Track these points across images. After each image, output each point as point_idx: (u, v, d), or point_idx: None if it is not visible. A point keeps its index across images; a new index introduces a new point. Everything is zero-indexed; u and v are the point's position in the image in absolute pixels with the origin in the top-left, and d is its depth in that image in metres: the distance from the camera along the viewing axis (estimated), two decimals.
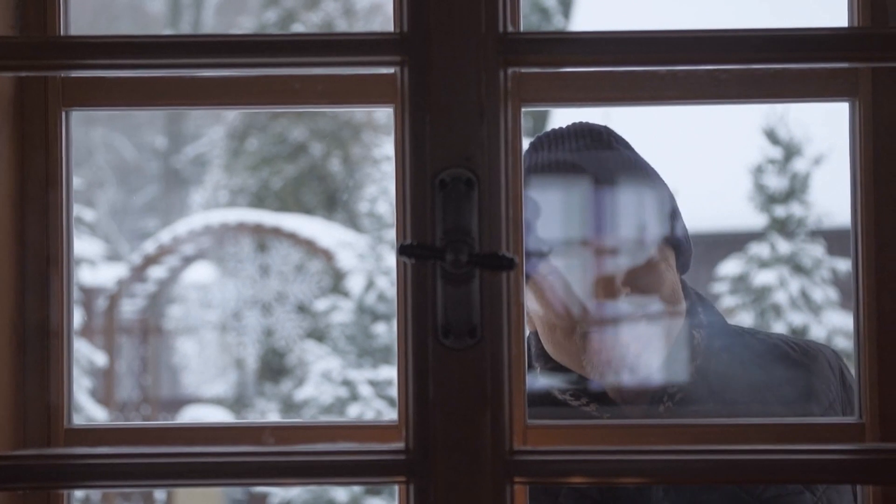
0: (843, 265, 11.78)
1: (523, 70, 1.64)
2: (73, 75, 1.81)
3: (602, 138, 2.20)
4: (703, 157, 14.49)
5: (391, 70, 1.69)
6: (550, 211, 2.14)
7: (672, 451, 1.61)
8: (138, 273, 14.14)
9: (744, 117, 12.22)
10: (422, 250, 1.51)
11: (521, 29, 1.66)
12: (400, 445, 1.55)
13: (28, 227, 1.83)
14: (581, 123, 2.22)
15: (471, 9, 1.53)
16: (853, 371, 1.83)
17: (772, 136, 11.66)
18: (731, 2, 14.71)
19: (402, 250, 1.51)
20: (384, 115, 18.00)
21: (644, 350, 2.14)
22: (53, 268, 1.84)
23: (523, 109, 1.64)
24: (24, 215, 1.83)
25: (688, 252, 2.21)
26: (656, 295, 2.14)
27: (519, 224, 1.59)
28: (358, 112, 17.49)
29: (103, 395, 13.39)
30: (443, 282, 1.52)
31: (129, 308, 14.33)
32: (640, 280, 2.14)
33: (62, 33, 1.82)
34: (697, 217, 14.32)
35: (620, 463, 1.57)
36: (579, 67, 1.72)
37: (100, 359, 12.60)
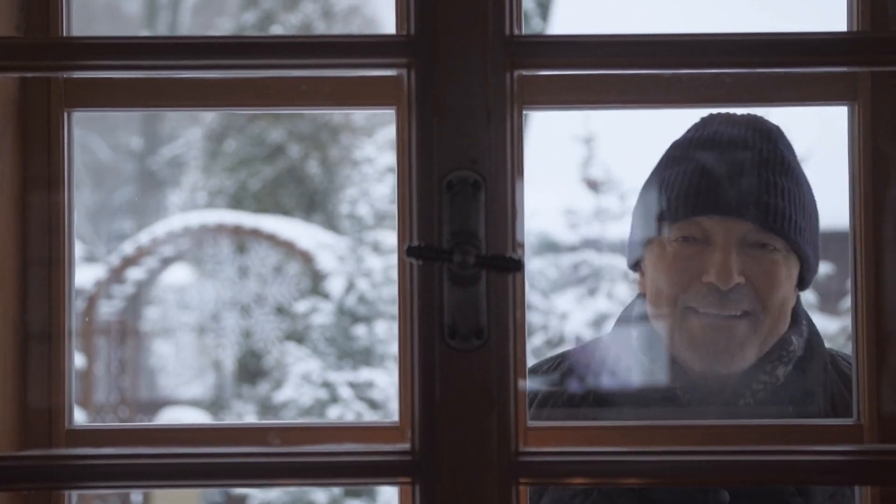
0: (822, 269, 11.80)
1: (525, 73, 1.64)
2: (76, 76, 1.81)
3: (770, 136, 2.19)
4: None
5: (393, 72, 1.70)
6: (700, 182, 2.15)
7: (675, 451, 1.62)
8: (116, 274, 14.09)
9: None
10: (429, 252, 1.51)
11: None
12: (405, 446, 1.55)
13: (30, 229, 1.83)
14: (754, 115, 2.21)
15: (478, 11, 1.54)
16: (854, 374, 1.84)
17: None
18: (714, 4, 14.74)
19: (410, 252, 1.51)
20: (362, 117, 17.95)
21: (733, 349, 2.15)
22: (55, 269, 1.84)
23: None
24: (26, 216, 1.83)
25: (812, 271, 2.21)
26: (767, 298, 2.15)
27: (521, 225, 1.59)
28: (336, 114, 17.46)
29: (81, 396, 13.33)
30: (449, 283, 1.52)
31: (107, 310, 14.28)
32: (757, 276, 2.15)
33: (65, 34, 1.82)
34: None
35: (626, 464, 1.58)
36: (585, 70, 1.74)
37: (78, 360, 12.56)
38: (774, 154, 2.17)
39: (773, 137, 2.18)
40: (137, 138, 25.10)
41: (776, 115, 2.22)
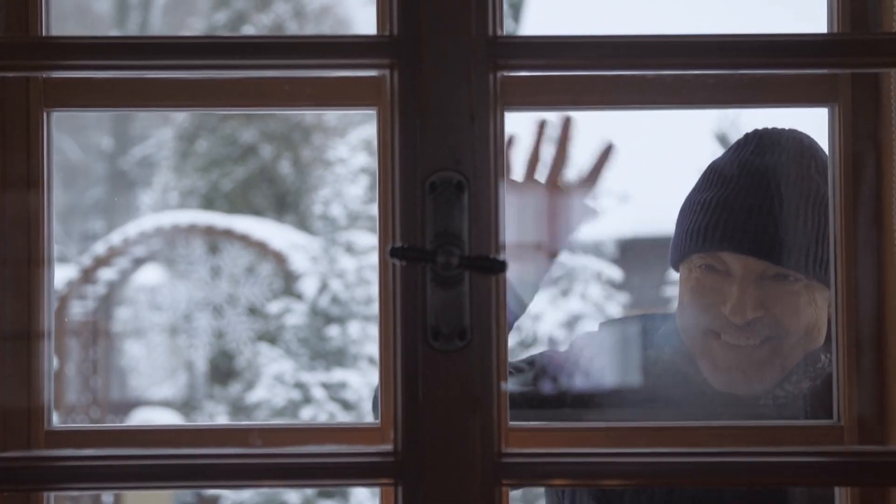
0: None
1: (507, 74, 1.64)
2: (55, 76, 1.80)
3: (803, 158, 2.22)
4: (656, 161, 14.56)
5: (374, 73, 1.69)
6: (720, 217, 2.20)
7: (658, 452, 1.62)
8: (88, 275, 14.04)
9: (696, 122, 12.29)
10: (413, 253, 1.51)
11: None
12: (388, 448, 1.55)
13: (8, 229, 1.82)
14: (793, 133, 2.25)
15: (461, 12, 1.53)
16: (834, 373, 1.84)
17: (724, 141, 11.72)
18: (689, 7, 14.78)
19: (393, 252, 1.51)
20: (334, 117, 17.95)
21: (751, 373, 2.19)
22: (33, 269, 1.83)
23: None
24: (4, 216, 1.82)
25: None
26: (789, 325, 2.19)
27: (503, 227, 1.59)
28: (308, 114, 17.44)
29: (53, 397, 13.24)
30: (433, 284, 1.52)
31: (79, 310, 14.22)
32: (777, 306, 2.18)
33: (44, 34, 1.81)
34: (649, 221, 14.36)
35: (609, 465, 1.58)
36: (569, 71, 1.73)
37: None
38: (804, 180, 2.20)
39: (805, 160, 2.21)
40: (108, 138, 25.02)
41: (750, 116, 2.23)
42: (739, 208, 2.18)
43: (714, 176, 2.24)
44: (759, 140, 2.25)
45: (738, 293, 2.17)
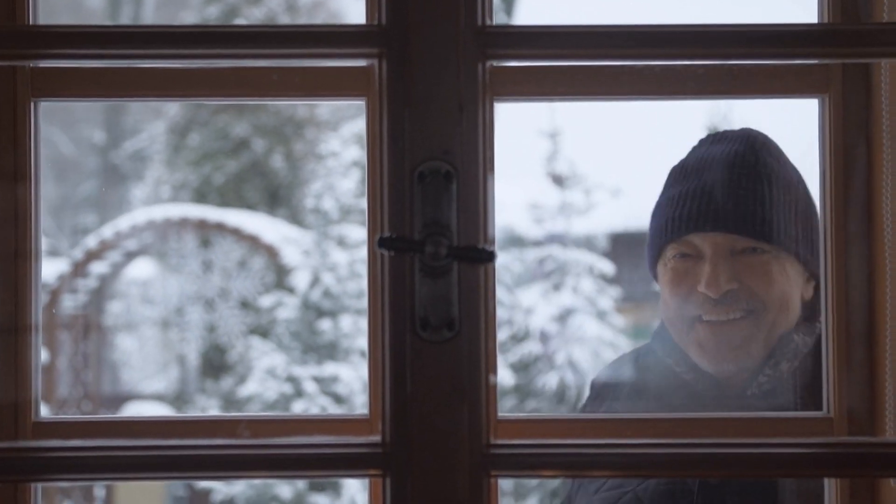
0: None
1: (496, 64, 1.63)
2: (43, 65, 1.80)
3: (754, 146, 2.31)
4: (647, 155, 14.52)
5: (364, 63, 1.69)
6: (683, 204, 2.30)
7: (645, 444, 1.61)
8: (80, 269, 14.01)
9: (687, 115, 12.28)
10: (401, 243, 1.50)
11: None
12: (376, 439, 1.54)
13: None
14: (744, 129, 2.34)
15: (450, 1, 1.53)
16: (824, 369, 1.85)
17: None
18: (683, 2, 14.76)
19: (382, 243, 1.50)
20: (326, 111, 17.90)
21: (736, 348, 2.26)
22: (21, 263, 1.82)
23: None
24: None
25: (811, 265, 2.29)
26: (765, 295, 2.27)
27: (493, 217, 1.59)
28: (300, 107, 17.41)
29: (44, 391, 13.22)
30: (421, 275, 1.51)
31: (71, 304, 14.19)
32: (750, 277, 2.27)
33: (31, 23, 1.80)
34: (641, 216, 14.36)
35: (596, 456, 1.57)
36: (558, 61, 1.73)
37: (41, 355, 12.43)
38: (756, 163, 2.29)
39: (756, 147, 2.30)
40: (100, 132, 24.96)
41: (742, 109, 2.24)
42: (700, 194, 2.28)
43: (672, 176, 2.36)
44: (715, 136, 2.36)
45: (711, 269, 2.26)
